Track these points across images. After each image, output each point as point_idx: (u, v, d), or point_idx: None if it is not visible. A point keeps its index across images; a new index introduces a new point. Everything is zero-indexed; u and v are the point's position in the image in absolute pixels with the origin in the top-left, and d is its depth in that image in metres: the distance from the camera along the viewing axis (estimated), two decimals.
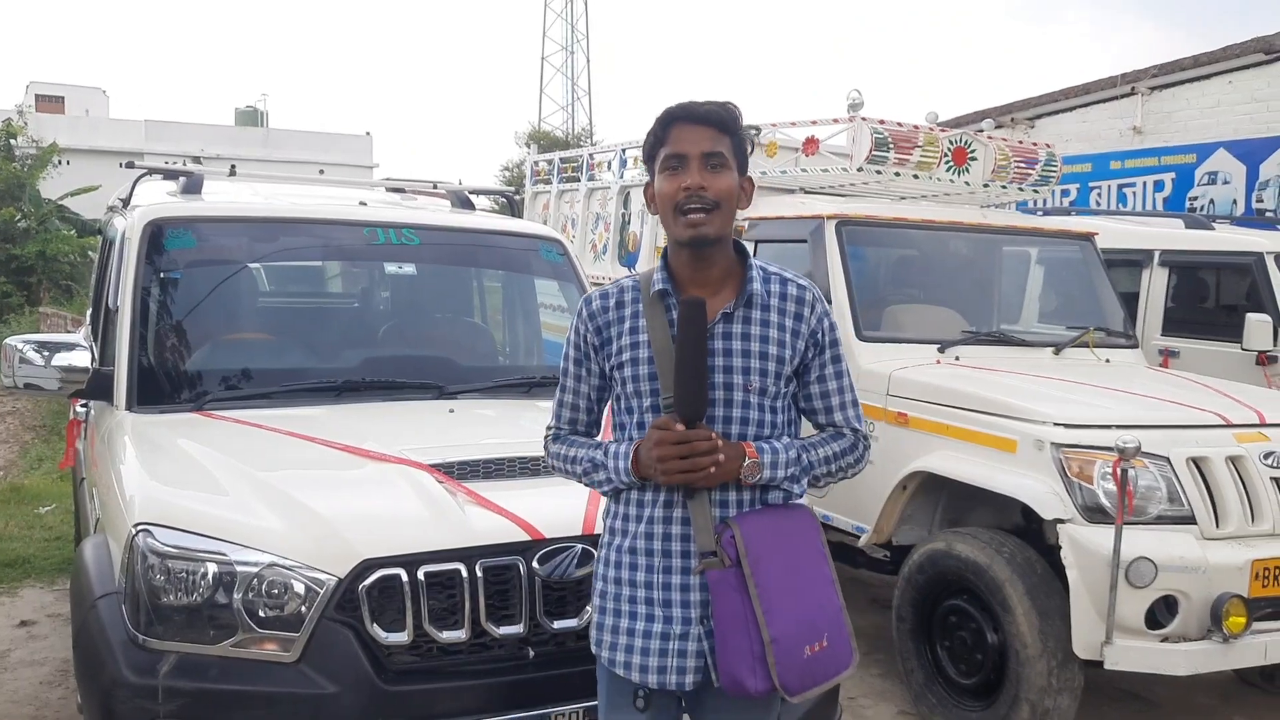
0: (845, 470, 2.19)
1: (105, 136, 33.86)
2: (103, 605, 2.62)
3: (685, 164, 2.03)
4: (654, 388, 2.07)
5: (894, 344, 4.89)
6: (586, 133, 43.56)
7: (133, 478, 2.86)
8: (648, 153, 2.13)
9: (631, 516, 2.11)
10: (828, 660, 2.05)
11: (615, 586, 2.11)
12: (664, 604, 2.06)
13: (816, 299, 2.15)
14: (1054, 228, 5.95)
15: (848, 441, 2.17)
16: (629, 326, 2.12)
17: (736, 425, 2.06)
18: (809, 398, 2.17)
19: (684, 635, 2.04)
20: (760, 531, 2.02)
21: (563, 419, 2.25)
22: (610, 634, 2.12)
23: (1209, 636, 3.61)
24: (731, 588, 1.97)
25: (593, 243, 8.00)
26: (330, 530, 2.59)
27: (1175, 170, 11.06)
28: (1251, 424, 4.06)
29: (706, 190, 2.02)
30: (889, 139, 5.35)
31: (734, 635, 1.97)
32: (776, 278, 2.14)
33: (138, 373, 3.38)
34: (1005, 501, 4.08)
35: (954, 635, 4.13)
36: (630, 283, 2.18)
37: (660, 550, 2.06)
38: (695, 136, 2.04)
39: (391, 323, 4.30)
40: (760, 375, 2.07)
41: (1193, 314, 6.68)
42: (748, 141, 2.14)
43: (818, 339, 2.13)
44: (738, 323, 2.08)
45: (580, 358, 2.19)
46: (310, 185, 5.02)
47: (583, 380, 2.21)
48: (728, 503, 2.06)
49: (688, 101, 2.09)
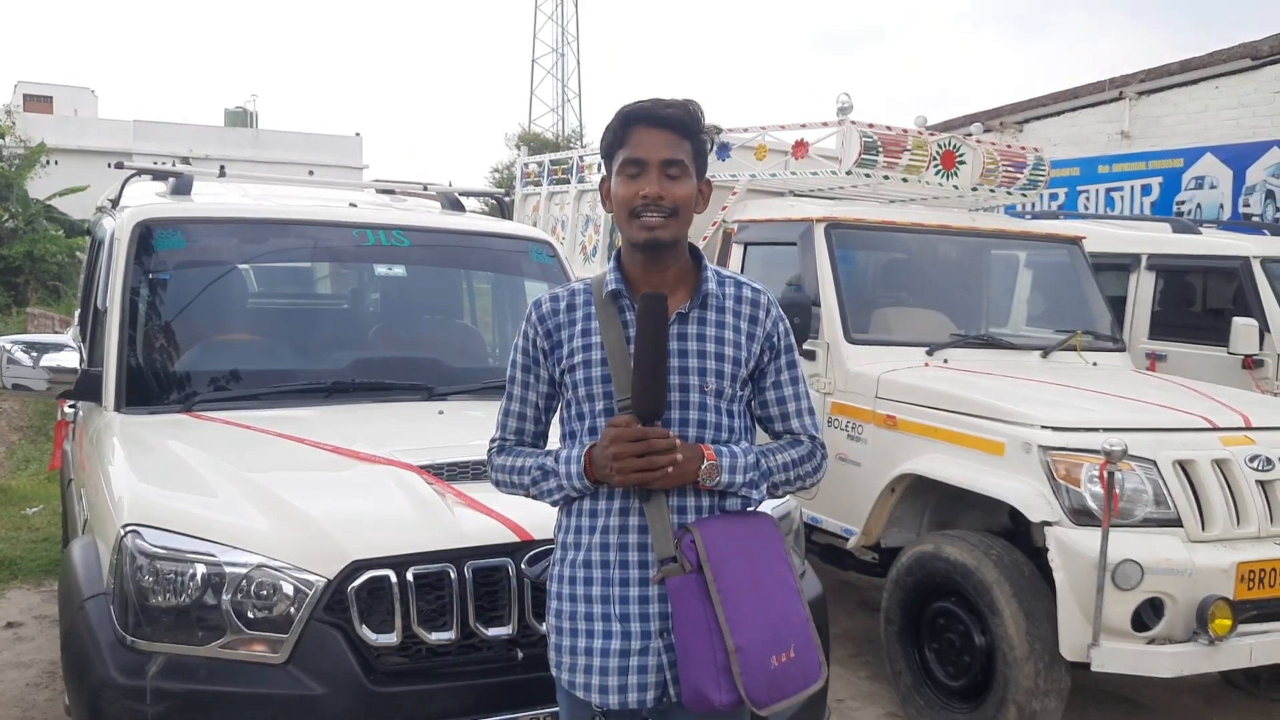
0: (804, 478, 2.14)
1: (94, 137, 33.72)
2: (91, 606, 2.61)
3: (644, 170, 1.99)
4: (607, 390, 2.02)
5: (882, 347, 4.91)
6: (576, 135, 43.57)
7: (121, 479, 2.86)
8: (605, 151, 2.07)
9: (585, 528, 2.04)
10: (796, 672, 1.97)
11: (570, 604, 2.05)
12: (621, 618, 1.99)
13: (771, 303, 2.12)
14: (1042, 231, 5.98)
15: (805, 449, 2.13)
16: (580, 329, 2.07)
17: (693, 428, 2.02)
18: (765, 405, 2.13)
19: (643, 650, 1.98)
20: (721, 536, 1.97)
21: (508, 429, 2.20)
22: (568, 655, 2.05)
23: (1195, 639, 3.63)
24: (692, 595, 1.91)
25: (583, 245, 8.00)
26: (319, 531, 2.59)
27: (1163, 175, 11.12)
28: (1237, 427, 4.09)
29: (664, 199, 1.98)
30: (878, 142, 5.37)
31: (696, 645, 1.90)
32: (731, 280, 2.12)
33: (126, 373, 3.38)
34: (993, 504, 4.10)
35: (942, 637, 4.15)
36: (581, 285, 2.14)
37: (616, 561, 2.00)
38: (655, 142, 2.00)
39: (381, 324, 4.30)
40: (716, 376, 2.03)
41: (1180, 318, 6.71)
42: (709, 141, 2.10)
43: (773, 342, 2.10)
44: (693, 323, 2.05)
45: (529, 364, 2.14)
46: (300, 186, 5.01)
47: (530, 387, 2.15)
48: (685, 509, 2.00)
49: (649, 102, 2.04)
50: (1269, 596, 3.74)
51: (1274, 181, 10.22)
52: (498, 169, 33.85)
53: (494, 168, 35.09)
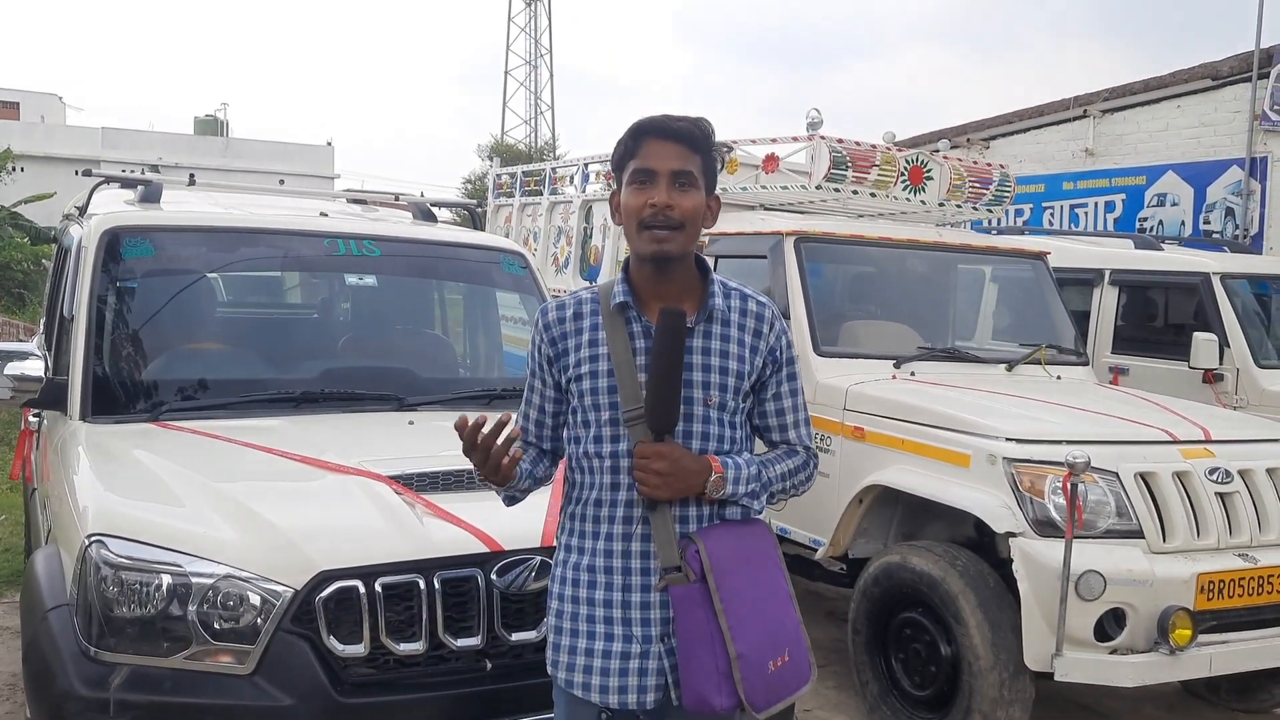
0: (797, 487, 2.21)
1: (61, 144, 33.32)
2: (54, 617, 2.59)
3: (653, 180, 2.02)
4: (613, 400, 2.05)
5: (851, 359, 4.95)
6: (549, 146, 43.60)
7: (86, 488, 2.83)
8: (616, 163, 2.11)
9: (589, 533, 2.08)
10: (789, 675, 2.05)
11: (573, 605, 2.08)
12: (624, 622, 2.03)
13: (775, 316, 2.16)
14: (1007, 247, 6.06)
15: (800, 459, 2.20)
16: (587, 339, 2.10)
17: (697, 440, 2.06)
18: (764, 415, 2.18)
19: (644, 654, 2.02)
20: (724, 546, 2.02)
21: (529, 431, 2.24)
22: (568, 654, 2.08)
23: (1156, 649, 3.67)
24: (696, 603, 1.96)
25: (554, 256, 8.02)
26: (287, 541, 2.58)
27: (1125, 191, 11.30)
28: (1197, 440, 4.15)
29: (673, 209, 2.01)
30: (847, 157, 5.42)
31: (699, 652, 1.95)
32: (736, 293, 2.14)
33: (92, 382, 3.34)
34: (959, 515, 4.13)
35: (908, 647, 4.18)
36: (589, 294, 2.16)
37: (620, 568, 2.04)
38: (665, 153, 2.03)
39: (351, 334, 4.29)
40: (720, 390, 2.07)
41: (1142, 332, 6.82)
42: (719, 159, 2.14)
43: (776, 356, 2.15)
44: (698, 337, 2.08)
45: (535, 368, 2.18)
46: (271, 195, 5.00)
47: (536, 391, 2.19)
48: (688, 518, 2.04)
49: (661, 116, 2.07)
50: (1228, 607, 3.80)
51: (1234, 199, 10.42)
52: (470, 180, 33.84)
53: (466, 179, 35.09)
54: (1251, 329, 6.32)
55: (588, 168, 7.84)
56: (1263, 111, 10.21)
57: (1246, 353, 6.14)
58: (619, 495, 2.05)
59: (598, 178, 7.65)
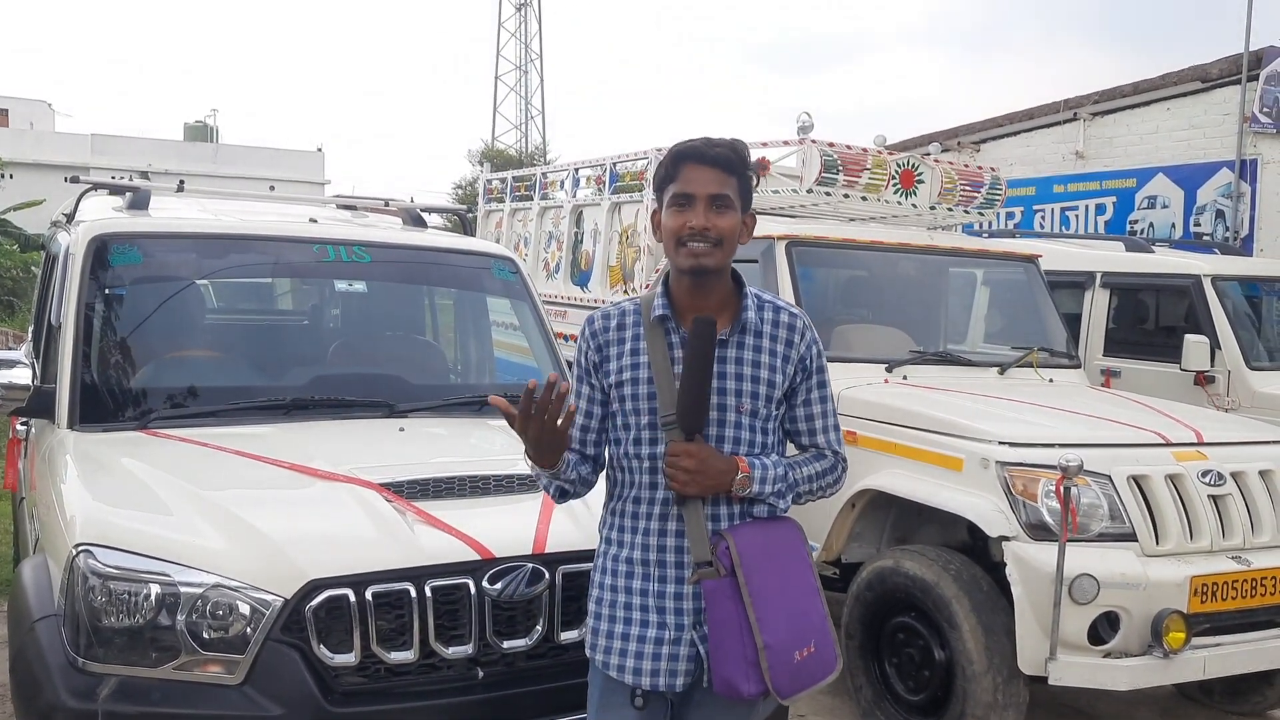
0: (825, 489, 2.32)
1: (50, 150, 33.18)
2: (41, 628, 2.57)
3: (692, 204, 2.15)
4: (652, 406, 2.18)
5: (843, 363, 4.93)
6: (540, 151, 43.61)
7: (74, 497, 2.82)
8: (658, 184, 2.25)
9: (628, 528, 2.22)
10: (815, 664, 2.18)
11: (612, 594, 2.22)
12: (659, 610, 2.17)
13: (806, 326, 2.27)
14: (999, 250, 6.06)
15: (829, 462, 2.31)
16: (629, 348, 2.23)
17: (729, 444, 2.18)
18: (794, 420, 2.29)
19: (677, 640, 2.16)
20: (753, 543, 2.14)
21: (573, 437, 2.30)
22: (605, 638, 2.22)
23: (1150, 652, 3.67)
24: (726, 596, 2.09)
25: (545, 261, 8.00)
26: (276, 550, 2.56)
27: (1116, 194, 11.34)
28: (1190, 443, 4.16)
29: (710, 230, 2.14)
30: (838, 161, 5.42)
31: (729, 641, 2.08)
32: (770, 305, 2.26)
33: (80, 390, 3.32)
34: (952, 519, 4.13)
35: (902, 652, 4.17)
36: (631, 306, 2.29)
37: (656, 560, 2.18)
38: (703, 178, 2.16)
39: (342, 340, 4.26)
40: (752, 398, 2.19)
41: (1133, 335, 6.83)
42: (753, 179, 2.27)
43: (806, 364, 2.26)
44: (733, 348, 2.20)
45: (582, 373, 2.30)
46: (260, 201, 4.98)
47: (582, 396, 2.30)
48: (719, 516, 2.17)
49: (700, 141, 2.20)
50: (1221, 610, 3.80)
51: (1224, 201, 10.46)
52: (460, 185, 33.75)
53: (457, 184, 34.99)
54: (1242, 331, 6.33)
55: (578, 173, 7.83)
56: (1252, 114, 10.26)
57: (1238, 354, 6.15)
58: (656, 494, 2.19)
59: (588, 183, 7.64)
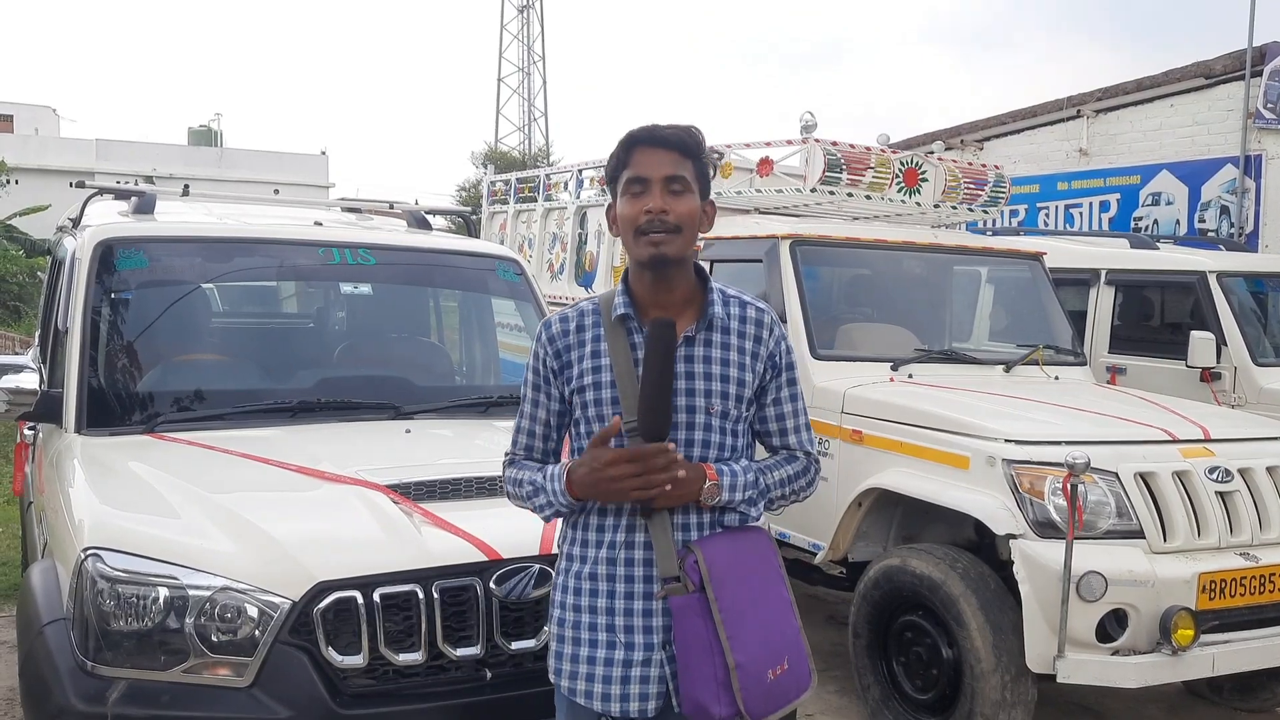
0: (798, 493, 2.21)
1: (55, 155, 33.22)
2: (50, 631, 2.57)
3: (647, 188, 2.03)
4: (617, 412, 2.05)
5: (848, 362, 4.94)
6: (543, 153, 43.60)
7: (82, 501, 2.82)
8: (610, 174, 2.12)
9: (591, 542, 2.08)
10: (789, 683, 2.06)
11: (574, 614, 2.09)
12: (625, 630, 2.04)
13: (774, 322, 2.16)
14: (1003, 247, 6.05)
15: (801, 464, 2.20)
16: (590, 350, 2.10)
17: (697, 448, 2.06)
18: (764, 420, 2.18)
19: (645, 661, 2.03)
20: (722, 555, 2.02)
21: (519, 445, 2.22)
22: (569, 662, 2.09)
23: (1158, 649, 3.66)
24: (695, 613, 1.97)
25: (549, 262, 8.01)
26: (284, 553, 2.57)
27: (1120, 191, 11.31)
28: (1197, 439, 4.15)
29: (668, 214, 2.02)
30: (841, 160, 5.42)
31: (698, 661, 1.96)
32: (736, 300, 2.15)
33: (87, 394, 3.33)
34: (958, 517, 4.13)
35: (909, 651, 4.17)
36: (590, 305, 2.16)
37: (622, 576, 2.05)
38: (658, 160, 2.04)
39: (347, 343, 4.27)
40: (721, 398, 2.07)
41: (1139, 332, 6.82)
42: (710, 165, 2.15)
43: (775, 361, 2.15)
44: (699, 345, 2.08)
45: (539, 382, 2.17)
46: (265, 205, 4.99)
47: (540, 405, 2.18)
48: (688, 526, 2.05)
49: (651, 125, 2.08)
50: (1230, 606, 3.79)
51: (1228, 198, 10.43)
52: (464, 187, 33.75)
53: (460, 186, 35.00)
54: (1248, 327, 6.32)
55: (582, 174, 7.84)
56: (1256, 109, 10.23)
57: (1244, 351, 6.14)
58: (621, 505, 2.05)
59: (592, 183, 7.65)
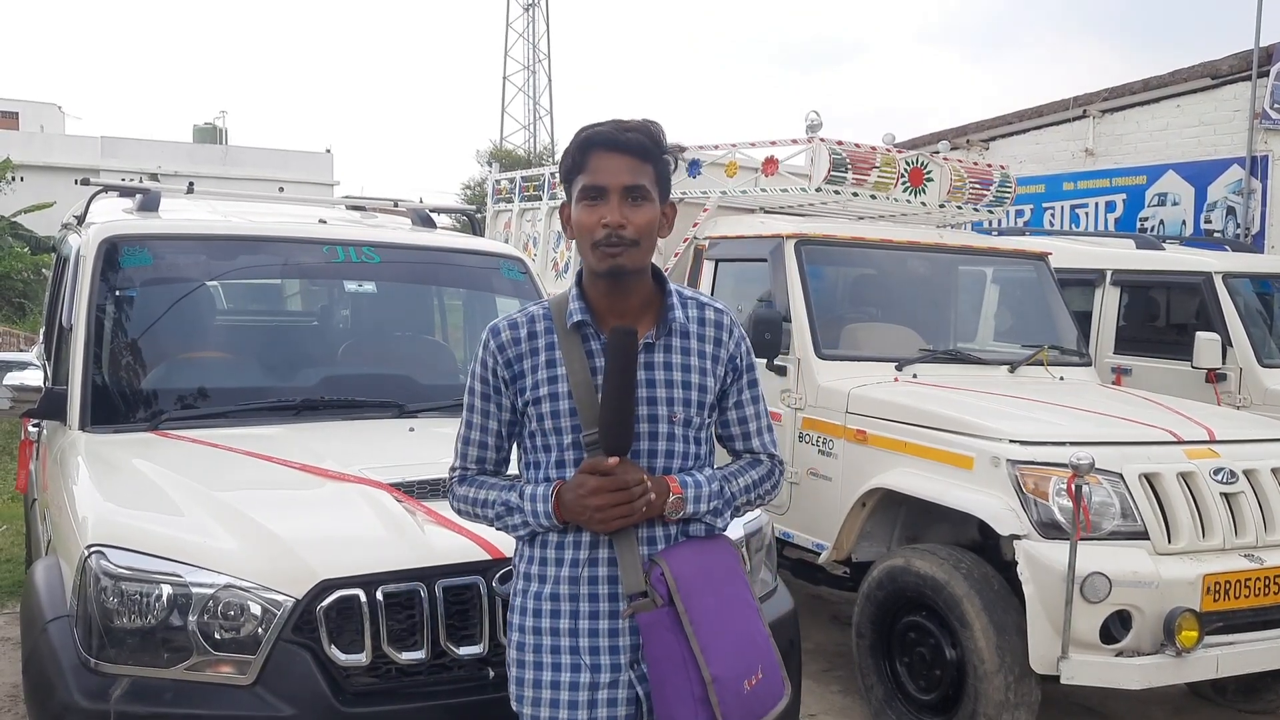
0: (763, 497, 2.15)
1: (60, 153, 33.33)
2: (54, 629, 2.57)
3: (604, 197, 1.94)
4: (574, 424, 1.97)
5: (852, 362, 4.94)
6: (548, 151, 43.61)
7: (85, 498, 2.82)
8: (565, 175, 2.01)
9: (551, 560, 2.00)
10: (765, 692, 1.99)
11: (535, 637, 2.00)
12: (590, 651, 1.97)
13: (733, 323, 2.10)
14: (1009, 248, 6.05)
15: (765, 468, 2.14)
16: (544, 359, 2.02)
17: (661, 458, 2.00)
18: (726, 424, 2.13)
19: (613, 683, 1.96)
20: (688, 566, 1.96)
21: (469, 458, 2.14)
22: (532, 688, 2.00)
23: (1162, 650, 3.66)
24: (665, 628, 1.90)
25: (554, 261, 8.00)
26: (287, 551, 2.56)
27: (1126, 191, 11.29)
28: (1201, 440, 4.14)
29: (626, 228, 1.93)
30: (847, 160, 5.41)
31: (672, 677, 1.89)
32: (693, 302, 2.09)
33: (91, 392, 3.33)
34: (962, 518, 4.12)
35: (913, 651, 4.16)
36: (540, 310, 2.07)
37: (586, 595, 1.97)
38: (615, 167, 1.94)
39: (351, 341, 4.27)
40: (684, 405, 2.01)
41: (1144, 332, 6.81)
42: (672, 161, 2.05)
43: (736, 364, 2.09)
44: (659, 352, 2.02)
45: (489, 391, 2.08)
46: (269, 203, 4.99)
47: (490, 416, 2.10)
48: (654, 539, 1.98)
49: (608, 125, 1.97)
50: (1234, 608, 3.79)
51: (1234, 198, 10.41)
52: (469, 186, 33.81)
53: (465, 184, 35.06)
54: (1254, 328, 6.31)
55: None
56: (1263, 110, 10.20)
57: (1249, 352, 6.13)
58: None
59: None
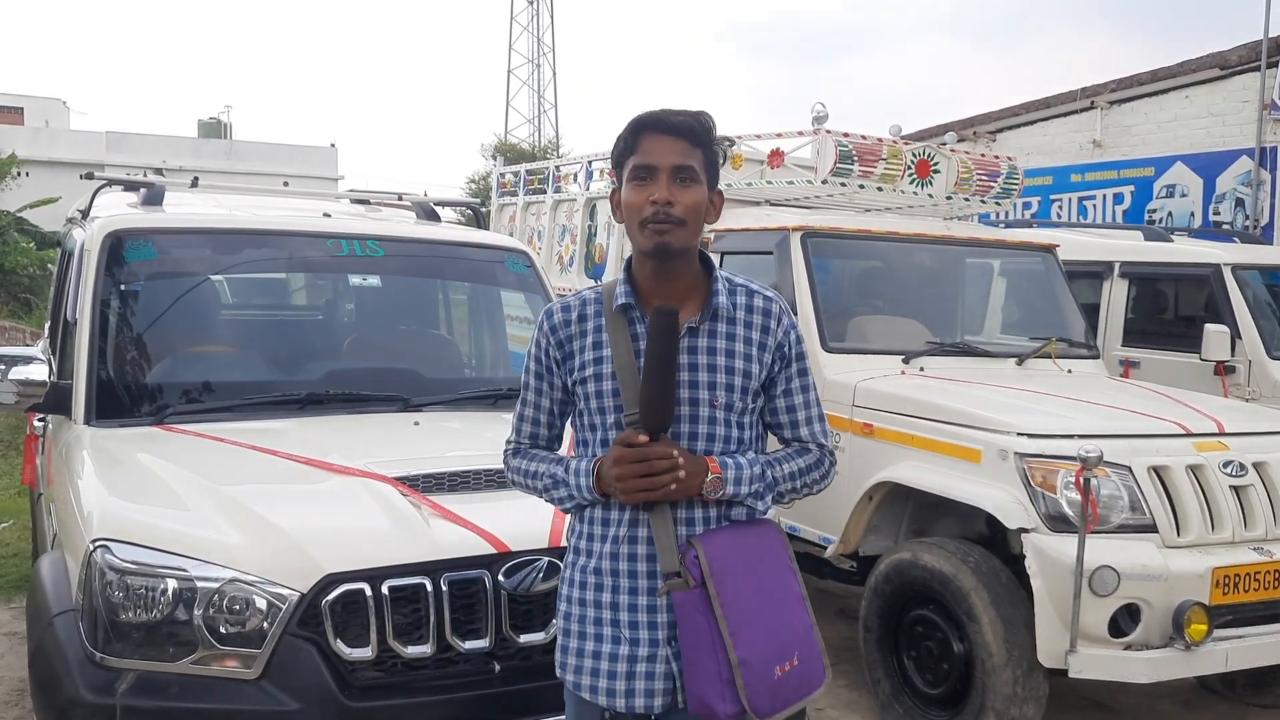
0: (810, 486, 2.15)
1: (65, 148, 33.35)
2: (60, 623, 2.57)
3: (654, 176, 1.98)
4: (618, 404, 2.02)
5: (859, 355, 4.92)
6: (553, 145, 43.56)
7: (91, 493, 2.82)
8: (616, 159, 2.07)
9: (596, 536, 2.06)
10: (799, 679, 2.02)
11: (580, 608, 2.07)
12: (630, 625, 2.02)
13: (783, 311, 2.11)
14: (1016, 240, 6.02)
15: (813, 457, 2.14)
16: (591, 341, 2.07)
17: (702, 440, 2.02)
18: (774, 412, 2.13)
19: (651, 657, 2.00)
20: (725, 550, 1.99)
21: (523, 433, 2.19)
22: (575, 656, 2.07)
23: (1171, 644, 3.64)
24: (697, 609, 1.94)
25: (559, 254, 7.99)
26: (293, 544, 2.56)
27: (1134, 183, 11.24)
28: (1211, 433, 4.11)
29: (674, 206, 1.97)
30: (853, 151, 5.38)
31: (701, 658, 1.93)
32: (743, 289, 2.10)
33: (96, 386, 3.33)
34: (970, 511, 4.10)
35: (920, 645, 4.15)
36: (592, 295, 2.13)
37: (626, 571, 2.02)
38: (666, 149, 1.99)
39: (356, 335, 4.27)
40: (726, 390, 2.03)
41: (1152, 325, 6.78)
42: (720, 153, 2.10)
43: (784, 352, 2.10)
44: (703, 336, 2.04)
45: (541, 371, 2.14)
46: (274, 197, 4.98)
47: (544, 394, 2.15)
48: (693, 520, 2.01)
49: (660, 110, 2.03)
50: (1243, 601, 3.77)
51: (1243, 190, 10.35)
52: (473, 179, 33.74)
53: (470, 178, 34.99)
54: (1263, 320, 6.27)
55: (591, 165, 7.81)
56: (1272, 101, 10.14)
57: (1259, 344, 6.10)
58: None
59: (601, 175, 7.63)
